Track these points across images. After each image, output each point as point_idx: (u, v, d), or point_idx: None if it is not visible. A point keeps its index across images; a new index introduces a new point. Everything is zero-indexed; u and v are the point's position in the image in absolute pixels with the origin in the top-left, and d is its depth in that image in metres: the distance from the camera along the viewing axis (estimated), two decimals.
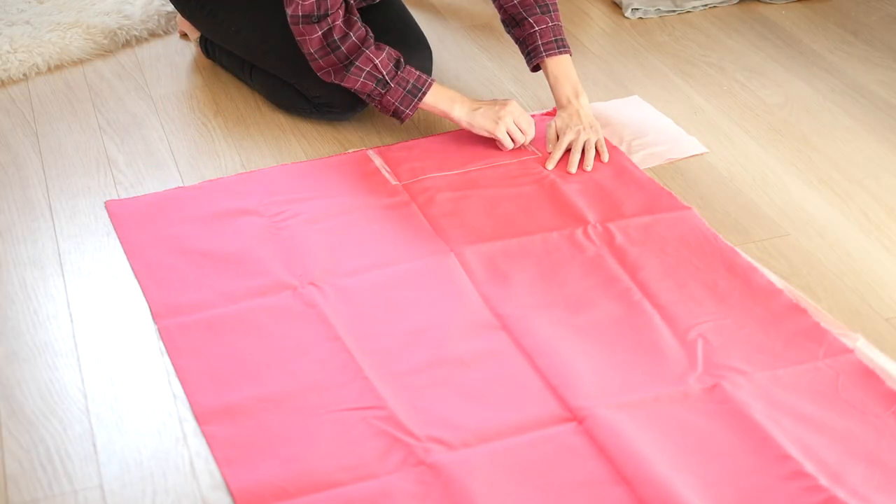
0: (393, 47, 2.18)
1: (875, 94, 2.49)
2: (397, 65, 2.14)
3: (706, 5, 2.89)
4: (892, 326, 1.80)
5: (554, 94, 2.26)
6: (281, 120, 2.36)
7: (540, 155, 2.20)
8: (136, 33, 2.68)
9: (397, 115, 2.17)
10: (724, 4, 2.91)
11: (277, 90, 2.35)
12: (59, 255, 1.96)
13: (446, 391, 1.64)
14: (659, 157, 2.22)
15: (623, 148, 2.24)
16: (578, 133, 2.18)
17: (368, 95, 2.16)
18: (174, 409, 1.63)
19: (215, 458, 1.55)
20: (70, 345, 1.76)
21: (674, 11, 2.86)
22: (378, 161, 2.18)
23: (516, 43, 2.31)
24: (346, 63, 2.11)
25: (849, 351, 1.70)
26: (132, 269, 1.90)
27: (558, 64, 2.25)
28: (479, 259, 1.90)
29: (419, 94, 2.15)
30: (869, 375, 1.66)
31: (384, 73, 2.12)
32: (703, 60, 2.65)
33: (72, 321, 1.81)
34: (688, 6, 2.87)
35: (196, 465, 1.55)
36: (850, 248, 1.99)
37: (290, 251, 1.92)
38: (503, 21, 2.31)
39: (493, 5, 2.33)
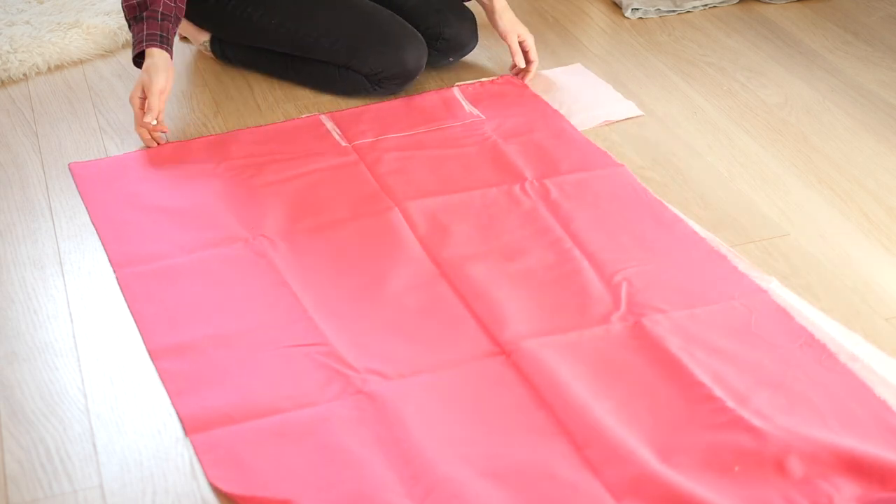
0: (444, 17, 2.45)
1: (875, 94, 2.49)
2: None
3: (706, 5, 2.89)
4: (892, 326, 1.80)
5: (494, 4, 2.45)
6: (282, 119, 2.36)
7: (484, 118, 2.33)
8: None
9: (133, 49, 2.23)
10: (724, 4, 2.91)
11: (333, 77, 2.42)
12: (59, 255, 1.96)
13: (385, 330, 1.75)
14: (595, 119, 2.36)
15: (563, 111, 2.37)
16: (524, 34, 2.48)
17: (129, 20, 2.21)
18: (174, 410, 1.63)
19: (167, 390, 1.65)
20: (70, 345, 1.76)
21: (674, 11, 2.86)
22: (329, 124, 2.30)
23: None
24: None
25: (763, 291, 1.81)
26: (93, 224, 2.01)
27: None
28: (421, 213, 2.01)
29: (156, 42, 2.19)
30: (780, 313, 1.77)
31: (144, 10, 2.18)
32: (703, 60, 2.65)
33: (72, 321, 1.81)
34: (688, 6, 2.87)
35: (196, 466, 1.55)
36: (850, 248, 1.99)
37: (244, 207, 2.04)
38: None
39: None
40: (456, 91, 2.45)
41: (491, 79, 2.50)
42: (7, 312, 1.82)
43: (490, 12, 2.48)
